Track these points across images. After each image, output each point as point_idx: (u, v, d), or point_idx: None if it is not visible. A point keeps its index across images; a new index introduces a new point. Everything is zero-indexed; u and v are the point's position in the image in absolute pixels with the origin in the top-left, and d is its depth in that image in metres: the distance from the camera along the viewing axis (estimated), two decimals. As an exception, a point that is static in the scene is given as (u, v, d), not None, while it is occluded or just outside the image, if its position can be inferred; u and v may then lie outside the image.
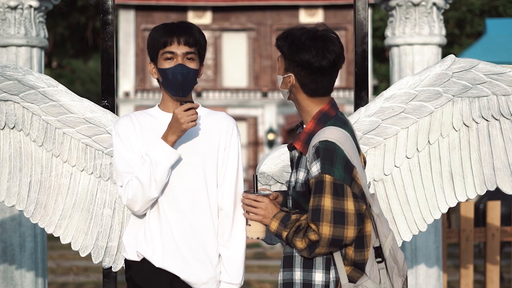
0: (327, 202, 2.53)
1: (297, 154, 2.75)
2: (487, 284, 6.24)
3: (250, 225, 2.78)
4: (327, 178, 2.54)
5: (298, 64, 2.68)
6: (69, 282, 9.80)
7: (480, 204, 9.28)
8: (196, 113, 2.73)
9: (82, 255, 3.37)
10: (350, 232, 2.54)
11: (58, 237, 3.34)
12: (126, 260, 2.90)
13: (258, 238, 2.79)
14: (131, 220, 2.89)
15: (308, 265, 2.65)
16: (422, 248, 5.15)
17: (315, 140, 2.60)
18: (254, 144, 25.40)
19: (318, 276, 2.64)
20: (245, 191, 2.82)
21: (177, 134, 2.74)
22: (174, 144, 2.75)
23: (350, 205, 2.54)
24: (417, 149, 3.29)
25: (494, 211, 6.29)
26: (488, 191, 3.36)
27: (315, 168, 2.56)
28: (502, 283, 8.46)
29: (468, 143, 3.29)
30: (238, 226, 2.87)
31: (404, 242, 3.95)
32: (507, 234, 6.42)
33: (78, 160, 3.31)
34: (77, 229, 3.33)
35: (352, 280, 2.62)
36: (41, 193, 3.31)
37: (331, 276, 2.63)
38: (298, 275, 2.67)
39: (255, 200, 2.74)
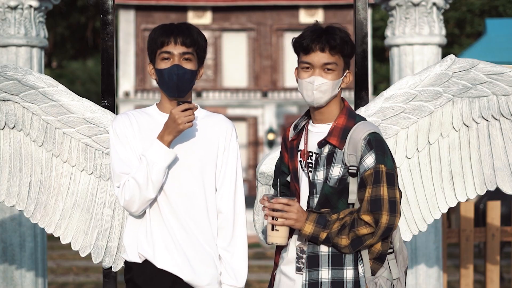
0: (385, 191, 2.60)
1: (326, 151, 2.71)
2: (487, 284, 6.24)
3: (278, 230, 2.66)
4: (383, 168, 2.62)
5: (350, 59, 2.78)
6: (69, 282, 9.81)
7: (480, 204, 9.28)
8: (193, 114, 2.71)
9: (82, 255, 3.37)
10: (398, 220, 2.64)
11: (58, 237, 3.34)
12: (126, 262, 2.87)
13: (277, 243, 2.70)
14: (129, 220, 2.87)
15: (337, 263, 2.65)
16: (422, 248, 5.15)
17: (360, 133, 2.66)
18: (254, 144, 25.38)
19: (349, 273, 2.64)
20: (269, 196, 2.70)
21: (173, 134, 2.72)
22: (170, 144, 2.72)
23: (398, 194, 2.64)
24: (417, 149, 3.29)
25: (494, 211, 6.28)
26: (488, 191, 3.36)
27: (371, 159, 2.63)
28: (502, 283, 8.45)
29: (468, 143, 3.28)
30: (239, 229, 2.87)
31: (404, 242, 3.94)
32: (507, 234, 6.42)
33: (78, 160, 3.31)
34: (77, 229, 3.32)
35: (372, 272, 2.65)
36: (41, 193, 3.31)
37: (359, 271, 2.64)
38: (326, 274, 2.65)
39: (287, 204, 2.66)
